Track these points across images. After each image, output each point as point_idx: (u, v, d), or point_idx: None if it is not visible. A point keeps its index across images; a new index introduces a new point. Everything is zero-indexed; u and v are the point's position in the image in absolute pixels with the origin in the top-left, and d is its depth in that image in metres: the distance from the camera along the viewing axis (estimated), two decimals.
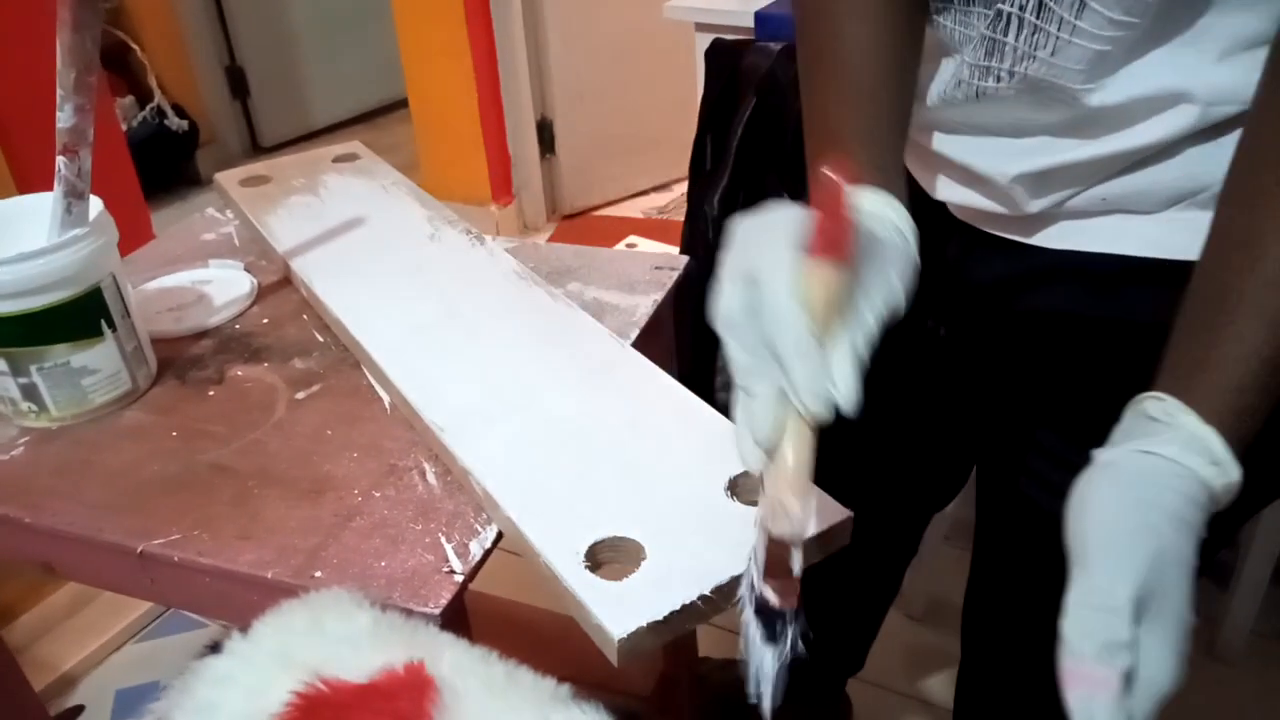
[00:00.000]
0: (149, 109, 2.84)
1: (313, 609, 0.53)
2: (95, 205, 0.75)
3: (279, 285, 0.93)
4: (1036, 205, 0.61)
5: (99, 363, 0.75)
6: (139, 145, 2.63)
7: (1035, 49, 0.55)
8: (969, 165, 0.64)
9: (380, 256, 0.91)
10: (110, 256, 0.76)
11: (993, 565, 0.83)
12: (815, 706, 1.26)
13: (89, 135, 0.71)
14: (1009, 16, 0.55)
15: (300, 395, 0.78)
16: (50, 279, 0.70)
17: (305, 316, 0.88)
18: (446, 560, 0.60)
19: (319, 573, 0.60)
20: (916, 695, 1.39)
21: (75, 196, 0.72)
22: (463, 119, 2.64)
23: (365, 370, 0.79)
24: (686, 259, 0.93)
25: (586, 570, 0.54)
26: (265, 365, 0.82)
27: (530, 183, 2.71)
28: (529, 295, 0.84)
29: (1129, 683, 0.42)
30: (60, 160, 0.71)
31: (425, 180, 2.73)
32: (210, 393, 0.79)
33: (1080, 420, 0.59)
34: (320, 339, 0.85)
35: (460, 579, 0.59)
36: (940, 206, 0.70)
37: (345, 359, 0.82)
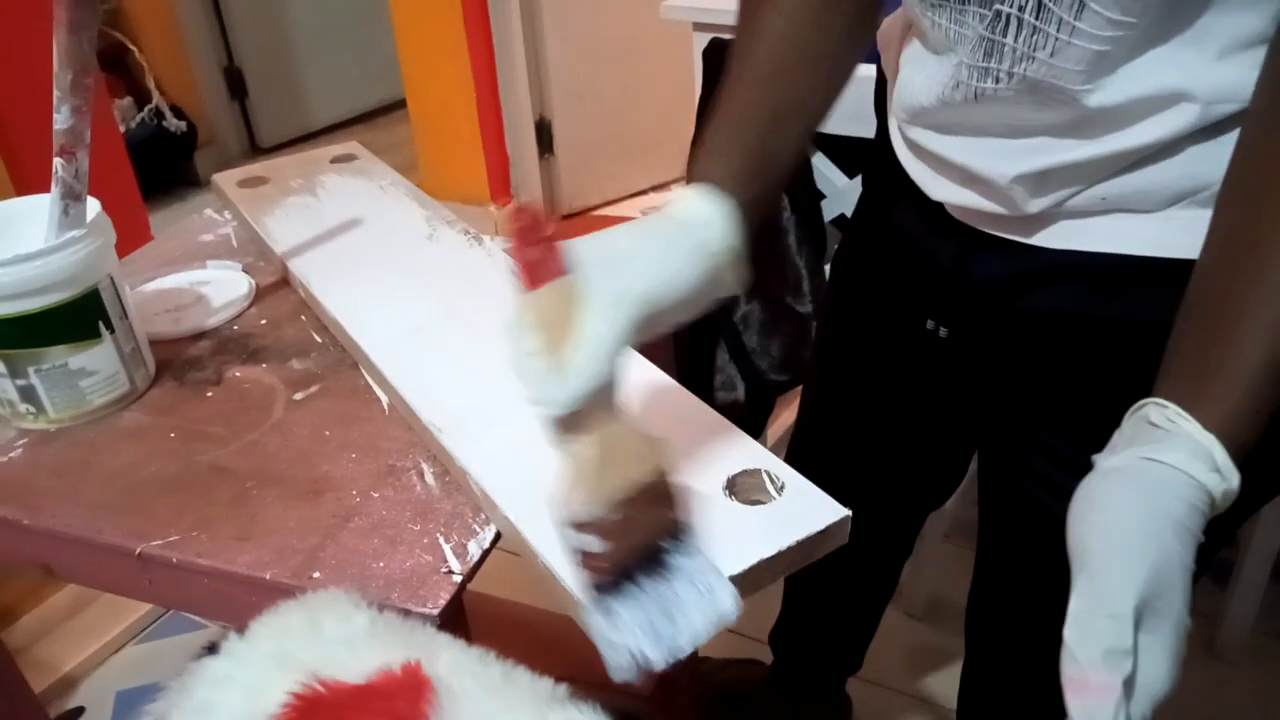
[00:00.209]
0: (147, 110, 2.85)
1: (310, 610, 0.53)
2: (93, 207, 0.75)
3: (277, 286, 0.94)
4: (1036, 205, 0.61)
5: (97, 364, 0.75)
6: (138, 146, 2.64)
7: (1034, 50, 0.55)
8: (967, 166, 0.64)
9: (378, 257, 0.91)
10: (108, 258, 0.76)
11: (997, 565, 0.83)
12: (815, 705, 1.26)
13: (86, 137, 0.71)
14: (1008, 17, 0.55)
15: (298, 396, 0.78)
16: (48, 281, 0.70)
17: (303, 317, 0.88)
18: (445, 561, 0.60)
19: (317, 573, 0.60)
20: (916, 694, 1.39)
21: (72, 198, 0.72)
22: (461, 119, 2.64)
23: (363, 371, 0.79)
24: None
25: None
26: (263, 366, 0.82)
27: (529, 183, 2.71)
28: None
29: (1128, 688, 0.42)
30: (57, 162, 0.71)
31: (424, 180, 2.74)
32: (208, 394, 0.79)
33: (1082, 421, 0.59)
34: (318, 340, 0.85)
35: (459, 579, 0.59)
36: (938, 207, 0.69)
37: (343, 360, 0.82)
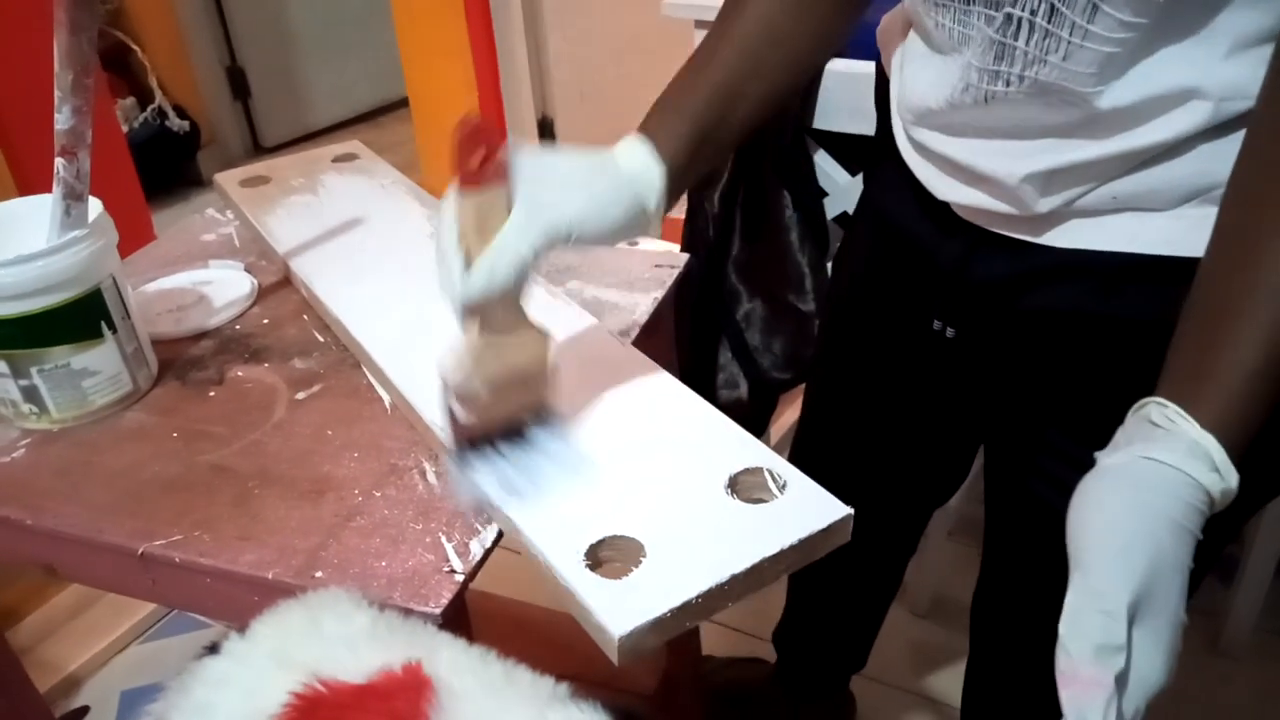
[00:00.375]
0: (150, 110, 2.85)
1: (310, 609, 0.53)
2: (95, 207, 0.75)
3: (279, 286, 0.94)
4: (1046, 205, 0.61)
5: (99, 364, 0.75)
6: (140, 146, 2.64)
7: (1046, 53, 0.54)
8: (975, 166, 0.63)
9: (380, 256, 0.91)
10: (110, 258, 0.76)
11: (1002, 563, 0.83)
12: (818, 703, 1.26)
13: (87, 137, 0.71)
14: (1019, 21, 0.55)
15: (300, 395, 0.78)
16: (50, 281, 0.70)
17: (305, 317, 0.88)
18: (447, 560, 0.60)
19: (319, 573, 0.60)
20: (920, 692, 1.39)
21: (74, 198, 0.72)
22: None
23: (365, 370, 0.79)
24: (687, 257, 0.93)
25: (587, 569, 0.54)
26: (265, 366, 0.82)
27: None
28: (528, 294, 0.83)
29: (1122, 682, 0.42)
30: (59, 162, 0.71)
31: (425, 179, 2.72)
32: (211, 393, 0.79)
33: (1089, 419, 0.59)
34: (320, 339, 0.85)
35: (461, 578, 0.59)
36: (943, 206, 0.69)
37: (345, 359, 0.82)
